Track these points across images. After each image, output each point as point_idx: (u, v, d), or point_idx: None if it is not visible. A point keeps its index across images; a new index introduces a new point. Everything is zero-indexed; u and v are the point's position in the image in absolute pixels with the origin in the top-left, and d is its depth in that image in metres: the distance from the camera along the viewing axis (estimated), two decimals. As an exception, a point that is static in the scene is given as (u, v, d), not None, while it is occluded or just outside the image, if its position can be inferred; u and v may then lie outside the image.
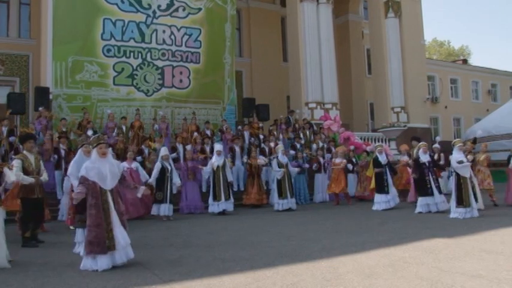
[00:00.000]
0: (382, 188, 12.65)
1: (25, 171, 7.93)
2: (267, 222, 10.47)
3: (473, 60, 66.97)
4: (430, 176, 11.58)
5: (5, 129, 13.25)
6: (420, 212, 11.34)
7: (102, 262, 5.80)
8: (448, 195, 12.37)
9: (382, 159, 12.82)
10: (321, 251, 6.69)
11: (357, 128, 24.93)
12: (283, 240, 7.83)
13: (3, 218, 6.79)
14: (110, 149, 12.58)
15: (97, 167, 5.96)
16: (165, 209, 11.43)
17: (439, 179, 12.88)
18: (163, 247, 7.51)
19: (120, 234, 5.92)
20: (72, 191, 7.38)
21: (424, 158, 11.71)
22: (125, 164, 11.70)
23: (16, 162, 7.87)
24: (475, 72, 38.72)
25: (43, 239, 8.40)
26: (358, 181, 15.33)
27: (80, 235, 7.21)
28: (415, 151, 12.80)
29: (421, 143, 12.07)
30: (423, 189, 11.66)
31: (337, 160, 14.59)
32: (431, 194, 11.45)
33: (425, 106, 25.53)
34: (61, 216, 11.36)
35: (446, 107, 35.52)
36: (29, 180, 7.87)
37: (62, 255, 7.04)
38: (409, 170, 13.65)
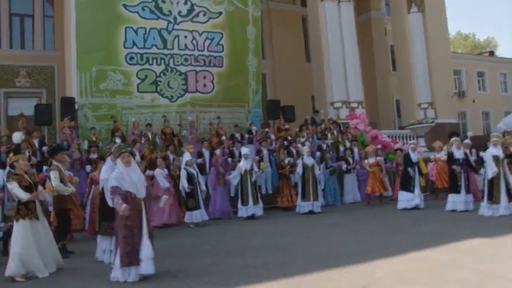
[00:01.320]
0: (407, 185, 12.32)
1: (60, 181, 7.95)
2: (297, 226, 10.30)
3: (500, 52, 65.45)
4: (462, 174, 11.21)
5: (36, 141, 13.42)
6: (453, 210, 10.99)
7: (134, 273, 5.71)
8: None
9: (414, 157, 12.49)
10: (354, 255, 6.51)
11: (384, 126, 24.44)
12: (313, 243, 7.68)
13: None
14: (138, 157, 12.69)
15: (128, 176, 5.84)
16: (199, 215, 11.30)
17: (476, 177, 12.50)
18: (193, 254, 7.43)
19: (148, 246, 5.76)
20: (102, 198, 7.34)
21: (458, 154, 11.34)
22: (160, 171, 11.67)
23: (54, 173, 7.87)
24: (503, 64, 37.73)
25: (72, 249, 8.39)
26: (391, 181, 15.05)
27: (107, 243, 7.18)
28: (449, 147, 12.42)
29: (453, 139, 11.70)
30: (453, 186, 11.35)
31: (371, 160, 14.30)
32: (459, 192, 11.10)
33: (452, 101, 24.98)
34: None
35: (473, 101, 34.68)
36: (69, 190, 7.94)
37: (91, 265, 7.04)
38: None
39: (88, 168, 12.55)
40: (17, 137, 7.10)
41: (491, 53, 42.44)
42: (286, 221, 11.39)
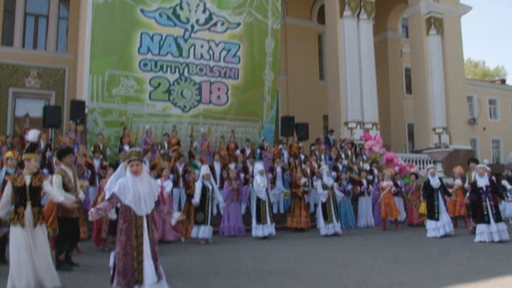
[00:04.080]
0: (432, 213, 11.71)
1: (65, 187, 7.32)
2: (317, 249, 9.69)
3: (509, 82, 64.90)
4: (488, 202, 10.57)
5: (43, 143, 12.91)
6: (481, 241, 10.37)
7: None
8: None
9: (434, 182, 11.88)
10: (390, 286, 5.92)
11: (395, 150, 23.96)
12: (342, 270, 7.05)
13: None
14: (146, 166, 12.13)
15: (133, 187, 5.12)
16: (205, 231, 10.71)
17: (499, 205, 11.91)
18: (209, 276, 6.82)
19: (150, 268, 5.04)
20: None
21: (481, 182, 10.73)
22: (158, 182, 11.13)
23: (56, 178, 7.25)
24: (515, 93, 37.32)
25: (78, 261, 7.77)
26: (406, 206, 14.45)
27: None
28: (472, 174, 11.85)
29: (477, 166, 11.13)
30: (479, 216, 10.69)
31: (384, 183, 13.78)
32: (488, 222, 10.46)
33: (466, 127, 24.49)
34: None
35: (484, 128, 34.21)
36: (60, 198, 7.21)
37: (99, 282, 6.42)
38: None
39: (89, 173, 12.08)
40: (34, 135, 6.46)
41: (503, 82, 41.94)
42: (302, 242, 10.75)
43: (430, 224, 11.64)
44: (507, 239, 10.27)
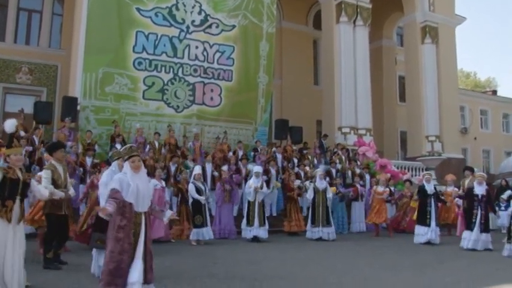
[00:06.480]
0: (424, 219, 11.58)
1: (54, 183, 6.97)
2: (312, 253, 9.55)
3: (501, 93, 65.43)
4: (479, 211, 10.52)
5: (37, 139, 12.70)
6: (463, 247, 10.35)
7: None
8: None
9: (429, 188, 11.79)
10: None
11: (387, 156, 23.88)
12: (340, 276, 6.91)
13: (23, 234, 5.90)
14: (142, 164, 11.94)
15: (133, 183, 4.94)
16: (205, 233, 10.55)
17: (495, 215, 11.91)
18: (204, 278, 6.64)
19: (137, 268, 4.80)
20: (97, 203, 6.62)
21: (479, 190, 10.67)
22: (155, 182, 10.95)
23: (45, 173, 6.99)
24: (505, 104, 37.55)
25: (66, 259, 7.53)
26: (400, 212, 14.37)
27: (99, 256, 6.40)
28: (466, 181, 11.85)
29: (478, 174, 11.11)
30: (468, 223, 10.66)
31: (380, 188, 13.67)
32: (471, 230, 10.40)
33: (458, 136, 24.57)
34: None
35: (475, 138, 34.37)
36: (60, 194, 6.93)
37: (87, 280, 6.26)
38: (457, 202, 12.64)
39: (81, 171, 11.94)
40: (10, 125, 6.13)
41: (494, 93, 42.26)
42: (296, 246, 10.61)
43: (419, 229, 11.56)
44: (487, 248, 10.27)
